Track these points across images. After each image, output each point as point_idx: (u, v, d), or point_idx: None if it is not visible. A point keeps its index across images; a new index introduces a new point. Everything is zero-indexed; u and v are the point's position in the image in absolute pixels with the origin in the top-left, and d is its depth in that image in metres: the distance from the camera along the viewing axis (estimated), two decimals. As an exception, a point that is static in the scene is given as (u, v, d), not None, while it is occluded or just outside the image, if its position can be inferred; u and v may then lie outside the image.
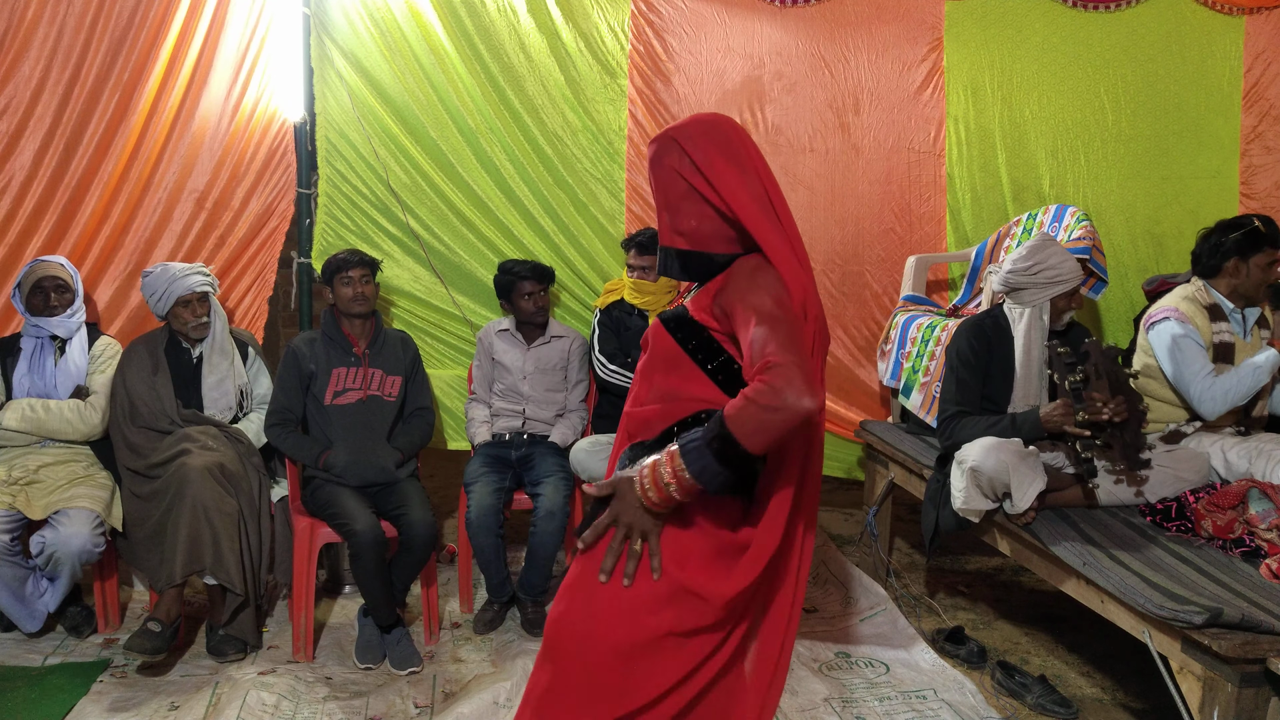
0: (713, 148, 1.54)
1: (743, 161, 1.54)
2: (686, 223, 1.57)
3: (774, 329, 1.42)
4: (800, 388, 1.36)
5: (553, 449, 3.42)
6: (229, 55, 3.50)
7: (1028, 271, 2.92)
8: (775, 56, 3.94)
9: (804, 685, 2.83)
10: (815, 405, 1.37)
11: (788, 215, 1.55)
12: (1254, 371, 2.92)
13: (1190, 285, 3.16)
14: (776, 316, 1.44)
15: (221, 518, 2.89)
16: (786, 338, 1.41)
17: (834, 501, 4.66)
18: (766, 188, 1.54)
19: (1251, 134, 4.23)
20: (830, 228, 4.03)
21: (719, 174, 1.52)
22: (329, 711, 2.70)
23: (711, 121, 1.58)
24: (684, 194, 1.56)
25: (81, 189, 3.41)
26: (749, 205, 1.51)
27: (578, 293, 3.87)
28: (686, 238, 1.57)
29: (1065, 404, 2.68)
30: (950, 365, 3.01)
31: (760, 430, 1.38)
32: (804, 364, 1.39)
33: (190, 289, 3.13)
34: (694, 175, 1.53)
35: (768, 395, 1.37)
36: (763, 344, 1.42)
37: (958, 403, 2.93)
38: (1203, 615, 2.10)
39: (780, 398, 1.36)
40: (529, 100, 3.74)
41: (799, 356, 1.39)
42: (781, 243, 1.51)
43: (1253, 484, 2.64)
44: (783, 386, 1.36)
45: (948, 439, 2.93)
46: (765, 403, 1.37)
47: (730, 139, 1.55)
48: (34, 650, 3.01)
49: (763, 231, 1.50)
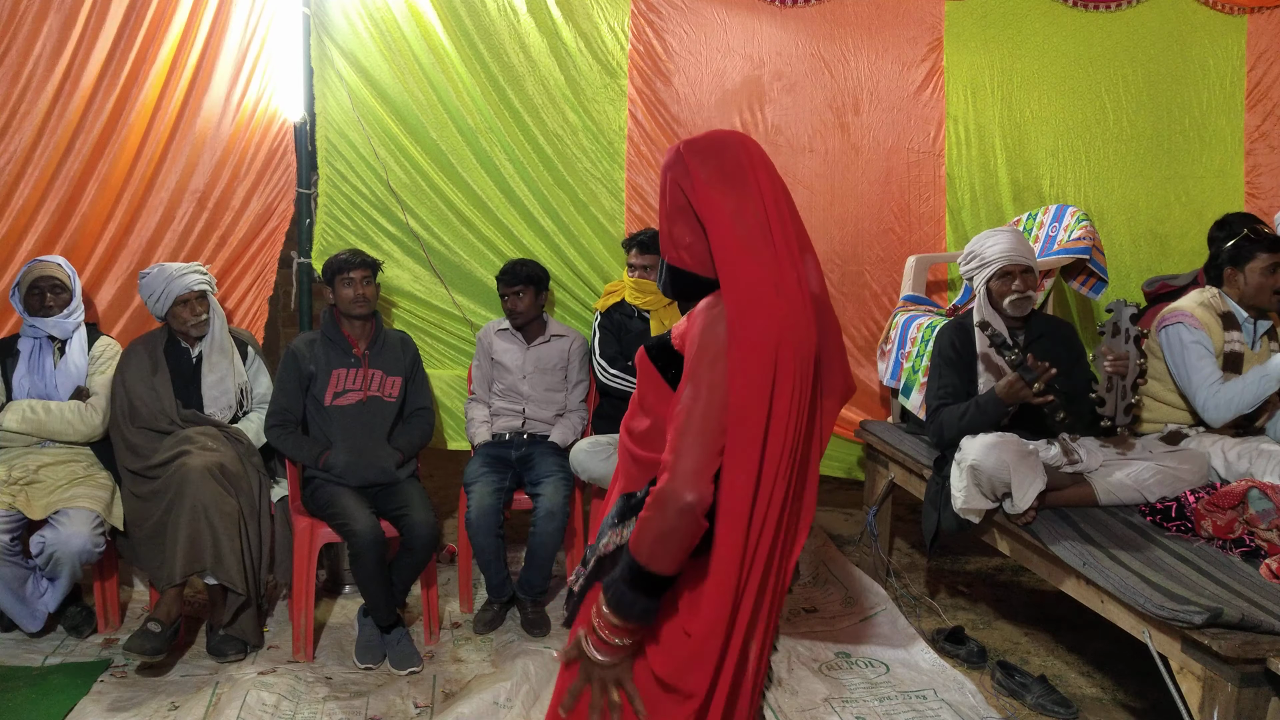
0: (714, 167, 1.48)
1: (745, 187, 1.48)
2: (681, 238, 1.52)
3: (682, 414, 1.38)
4: (680, 484, 1.32)
5: (553, 449, 3.42)
6: (230, 55, 3.50)
7: (965, 259, 3.04)
8: (775, 56, 3.94)
9: (804, 685, 2.83)
10: (694, 498, 1.32)
11: (790, 244, 1.47)
12: (1261, 380, 2.91)
13: (1206, 291, 3.15)
14: (692, 398, 1.39)
15: (222, 518, 2.90)
16: (687, 425, 1.37)
17: (834, 501, 4.66)
18: (770, 216, 1.47)
19: (1256, 133, 4.22)
20: (830, 228, 4.02)
21: (710, 195, 1.46)
22: (329, 711, 2.70)
23: (723, 140, 1.52)
24: (681, 209, 1.52)
25: (79, 187, 3.41)
26: (727, 233, 1.44)
27: (578, 293, 3.87)
28: (679, 253, 1.53)
29: (1014, 378, 2.71)
30: (933, 363, 3.06)
31: (657, 548, 1.35)
32: (691, 457, 1.34)
33: (188, 288, 3.13)
34: (690, 191, 1.50)
35: (652, 509, 1.35)
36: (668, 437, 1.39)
37: (940, 397, 2.98)
38: (1203, 615, 2.09)
39: (660, 506, 1.34)
40: (529, 100, 3.73)
41: (691, 448, 1.35)
42: (750, 276, 1.43)
43: (1253, 484, 2.64)
44: (662, 491, 1.34)
45: (934, 434, 2.98)
46: (651, 517, 1.35)
47: (739, 161, 1.49)
48: (34, 650, 3.01)
49: (728, 262, 1.43)
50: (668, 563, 1.36)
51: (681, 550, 1.37)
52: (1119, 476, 2.82)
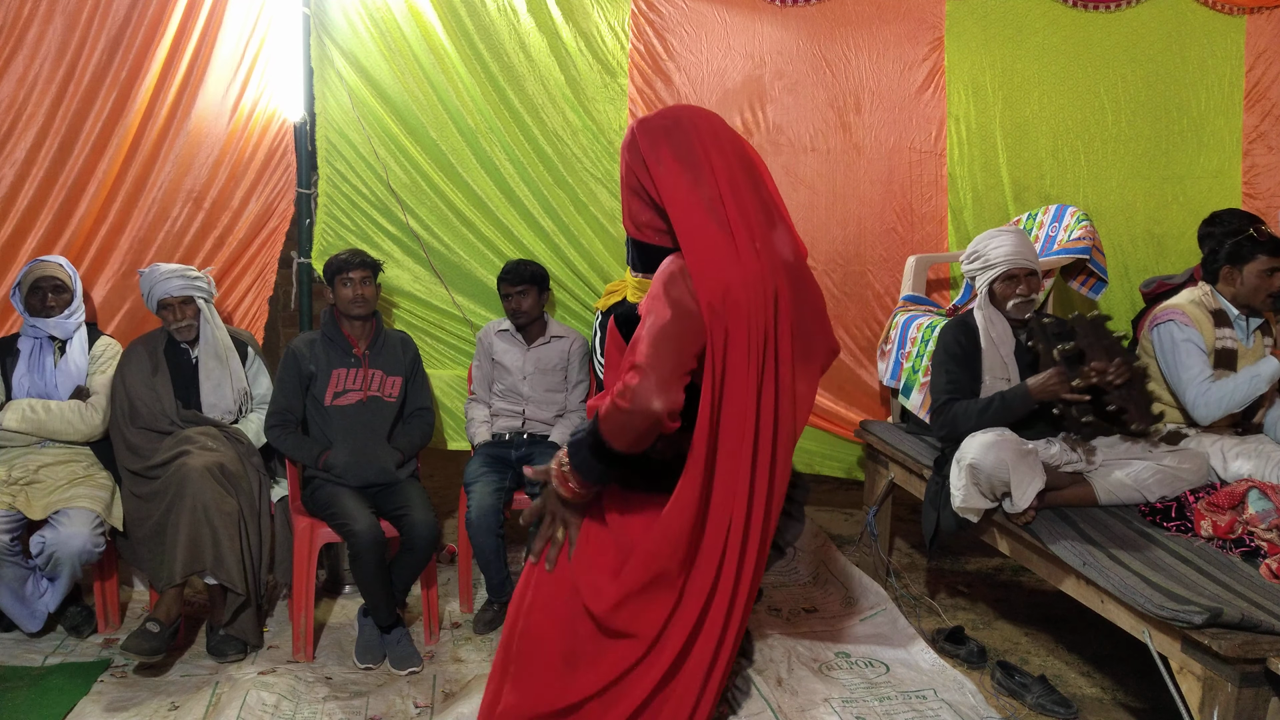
0: (665, 144, 1.56)
1: (696, 161, 1.54)
2: (639, 214, 1.61)
3: (651, 335, 1.50)
4: (650, 389, 1.46)
5: (553, 449, 3.42)
6: (228, 55, 3.50)
7: (969, 259, 3.05)
8: (776, 56, 3.94)
9: (804, 685, 2.83)
10: (662, 407, 1.46)
11: (742, 215, 1.55)
12: (1252, 380, 2.91)
13: (1198, 289, 3.15)
14: (659, 324, 1.51)
15: (222, 517, 2.89)
16: (658, 344, 1.49)
17: (834, 501, 4.66)
18: (721, 190, 1.54)
19: (1254, 134, 4.22)
20: (832, 228, 4.02)
21: (663, 172, 1.55)
22: (329, 711, 2.70)
23: (676, 116, 1.59)
24: (635, 188, 1.60)
25: (78, 188, 3.41)
26: (681, 204, 1.54)
27: (578, 293, 3.87)
28: (640, 229, 1.62)
29: (1058, 372, 2.70)
30: (937, 361, 3.04)
31: (620, 430, 1.50)
32: (664, 369, 1.47)
33: (169, 293, 3.13)
34: (641, 170, 1.57)
35: (624, 396, 1.48)
36: (635, 348, 1.51)
37: (948, 391, 2.95)
38: (1203, 615, 2.10)
39: (631, 399, 1.47)
40: (529, 100, 3.73)
41: (662, 363, 1.48)
42: (704, 246, 1.52)
43: (1253, 484, 2.64)
44: (635, 388, 1.46)
45: (943, 427, 2.94)
46: (621, 404, 1.48)
47: (690, 137, 1.56)
48: (34, 650, 3.01)
49: (686, 228, 1.53)
50: (625, 445, 1.52)
51: (639, 440, 1.52)
52: (1119, 476, 2.82)
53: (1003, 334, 2.96)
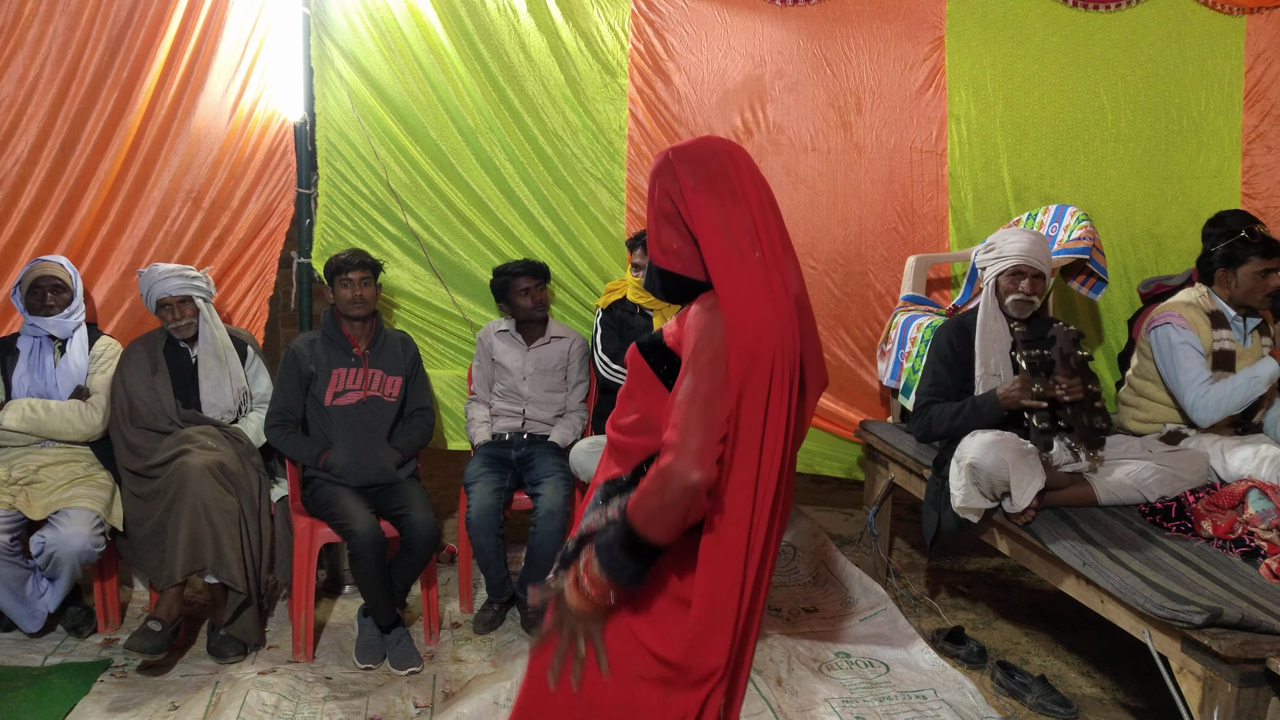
0: (702, 175, 1.52)
1: (732, 194, 1.52)
2: (670, 243, 1.57)
3: (685, 400, 1.43)
4: (687, 463, 1.37)
5: (553, 449, 3.42)
6: (228, 55, 3.50)
7: (985, 249, 3.08)
8: (776, 55, 3.94)
9: (804, 685, 2.83)
10: (700, 478, 1.37)
11: (774, 249, 1.52)
12: (1250, 382, 2.91)
13: (1195, 290, 3.15)
14: (694, 386, 1.44)
15: (222, 516, 2.89)
16: (691, 409, 1.42)
17: (834, 501, 4.66)
18: (756, 224, 1.51)
19: (1253, 134, 4.22)
20: (833, 228, 4.02)
21: (698, 204, 1.51)
22: (329, 711, 2.70)
23: (712, 148, 1.56)
24: (669, 215, 1.57)
25: (79, 188, 3.41)
26: (716, 241, 1.49)
27: (578, 293, 3.87)
28: (668, 257, 1.58)
29: (1022, 378, 2.76)
30: (926, 362, 3.08)
31: (656, 517, 1.40)
32: (698, 438, 1.39)
33: (167, 292, 3.13)
34: (679, 199, 1.54)
35: (655, 481, 1.40)
36: (670, 420, 1.43)
37: (930, 394, 3.01)
38: (1203, 615, 2.10)
39: (665, 481, 1.38)
40: (529, 100, 3.73)
41: (696, 430, 1.40)
42: (741, 282, 1.48)
43: (1253, 484, 2.64)
44: (668, 468, 1.38)
45: (920, 429, 3.00)
46: (653, 489, 1.40)
47: (726, 170, 1.53)
48: (34, 650, 3.01)
49: (720, 270, 1.48)
50: (663, 532, 1.41)
51: (679, 523, 1.42)
52: (1119, 476, 2.82)
53: (999, 334, 2.96)
